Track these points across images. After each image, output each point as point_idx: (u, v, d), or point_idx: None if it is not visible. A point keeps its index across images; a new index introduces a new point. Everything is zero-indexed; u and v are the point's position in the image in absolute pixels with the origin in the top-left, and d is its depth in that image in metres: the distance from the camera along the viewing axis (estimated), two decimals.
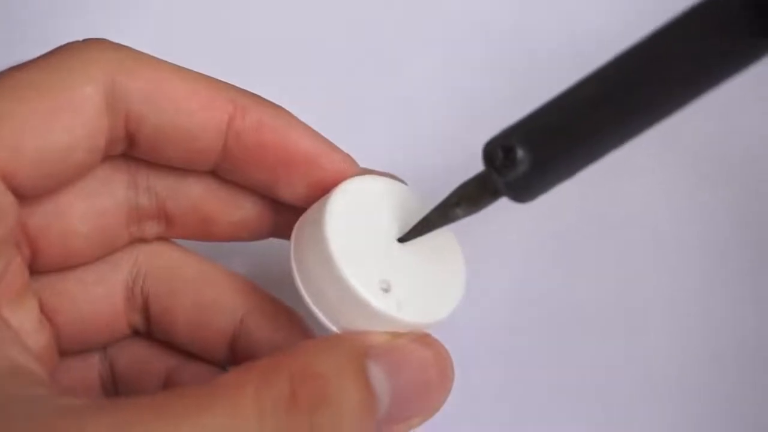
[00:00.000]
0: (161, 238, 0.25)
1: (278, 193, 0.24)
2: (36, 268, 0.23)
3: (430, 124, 0.34)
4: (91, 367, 0.26)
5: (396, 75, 0.34)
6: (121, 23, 0.34)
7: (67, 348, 0.24)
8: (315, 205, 0.23)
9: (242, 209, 0.25)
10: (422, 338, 0.21)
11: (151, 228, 0.25)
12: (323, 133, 0.24)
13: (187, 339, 0.25)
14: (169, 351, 0.26)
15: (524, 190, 0.20)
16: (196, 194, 0.24)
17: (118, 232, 0.24)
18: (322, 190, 0.23)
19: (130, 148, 0.23)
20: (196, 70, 0.23)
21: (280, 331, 0.25)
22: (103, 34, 0.22)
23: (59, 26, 0.33)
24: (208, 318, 0.25)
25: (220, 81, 0.23)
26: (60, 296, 0.24)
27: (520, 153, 0.19)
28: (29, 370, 0.19)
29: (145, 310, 0.25)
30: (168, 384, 0.26)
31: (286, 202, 0.24)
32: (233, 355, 0.25)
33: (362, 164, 0.24)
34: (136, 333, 0.26)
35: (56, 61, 0.21)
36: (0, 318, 0.20)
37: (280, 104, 0.24)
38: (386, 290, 0.21)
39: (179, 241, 0.26)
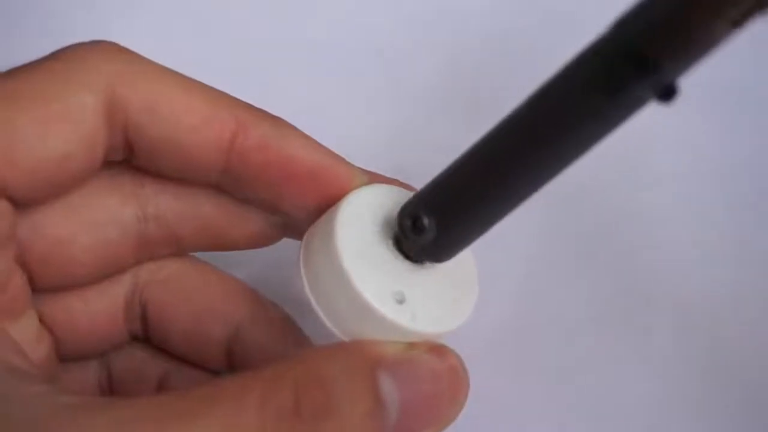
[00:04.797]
0: None
1: (285, 208, 0.23)
2: (35, 288, 0.22)
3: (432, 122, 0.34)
4: (89, 371, 0.25)
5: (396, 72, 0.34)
6: (128, 18, 0.34)
7: (66, 356, 0.24)
8: (323, 218, 0.23)
9: (254, 222, 0.24)
10: (437, 349, 0.21)
11: (160, 252, 0.24)
12: (325, 131, 0.24)
13: (184, 346, 0.25)
14: (165, 355, 0.26)
15: (436, 253, 0.21)
16: (206, 215, 0.24)
17: (124, 260, 0.24)
18: (330, 204, 0.23)
19: (130, 157, 0.22)
20: (196, 63, 0.23)
21: (276, 339, 0.24)
22: (109, 28, 0.22)
23: (65, 20, 0.33)
24: (203, 326, 0.24)
25: (224, 94, 0.22)
26: (60, 310, 0.23)
27: (426, 221, 0.20)
28: (26, 370, 0.18)
29: (144, 318, 0.25)
30: (162, 387, 0.26)
31: (294, 217, 0.24)
32: (229, 363, 0.25)
33: (364, 164, 0.24)
34: (134, 338, 0.25)
35: (57, 66, 0.21)
36: None
37: (279, 100, 0.23)
38: (400, 302, 0.21)
39: None
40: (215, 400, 0.17)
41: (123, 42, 0.22)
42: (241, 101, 0.23)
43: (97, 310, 0.24)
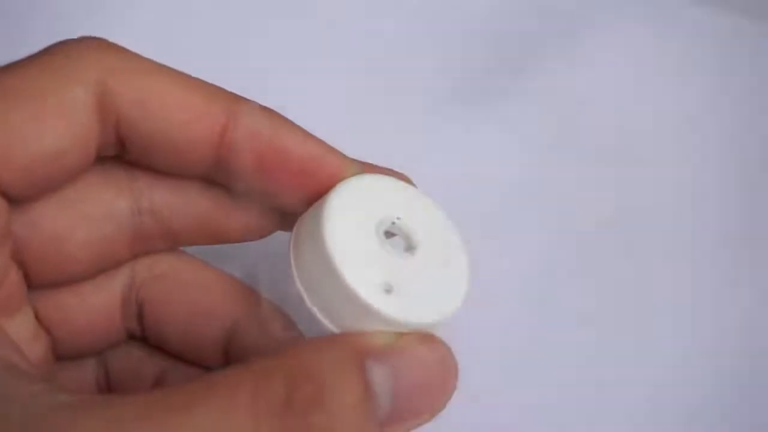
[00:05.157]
0: None
1: (278, 199, 0.23)
2: (31, 285, 0.22)
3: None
4: (86, 370, 0.25)
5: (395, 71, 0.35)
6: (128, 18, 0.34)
7: (63, 355, 0.24)
8: (312, 207, 0.22)
9: (248, 214, 0.24)
10: (425, 338, 0.20)
11: (156, 246, 0.24)
12: (324, 130, 0.23)
13: (180, 345, 0.25)
14: (162, 353, 0.26)
15: None
16: (200, 208, 0.24)
17: (120, 255, 0.24)
18: (322, 194, 0.23)
19: (122, 152, 0.22)
20: (196, 63, 0.23)
21: (272, 337, 0.24)
22: (110, 27, 0.22)
23: (64, 20, 0.34)
24: (200, 325, 0.24)
25: (214, 86, 0.22)
26: (56, 307, 0.23)
27: None
28: (23, 368, 0.18)
29: (140, 316, 0.25)
30: (158, 386, 0.25)
31: (286, 207, 0.24)
32: (226, 361, 0.25)
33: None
34: (131, 337, 0.25)
35: (47, 61, 0.21)
36: None
37: (277, 99, 0.23)
38: (388, 291, 0.21)
39: None
40: (207, 394, 0.17)
41: (123, 42, 0.22)
42: (233, 93, 0.23)
43: (94, 307, 0.24)
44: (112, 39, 0.22)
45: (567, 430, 0.30)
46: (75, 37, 0.21)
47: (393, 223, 0.22)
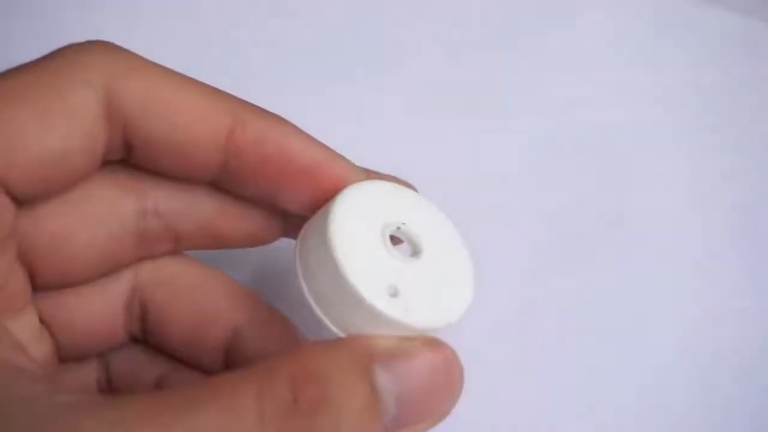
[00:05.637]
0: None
1: (282, 204, 0.24)
2: (35, 286, 0.22)
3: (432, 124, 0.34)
4: (88, 371, 0.25)
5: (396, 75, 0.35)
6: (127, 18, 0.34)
7: (66, 356, 0.24)
8: (318, 213, 0.23)
9: (252, 220, 0.24)
10: (430, 342, 0.21)
11: (160, 249, 0.24)
12: (327, 133, 0.24)
13: (183, 348, 0.25)
14: (164, 357, 0.26)
15: None
16: (205, 213, 0.24)
17: (124, 257, 0.24)
18: (327, 200, 0.23)
19: (128, 156, 0.22)
20: (196, 62, 0.23)
21: (274, 341, 0.24)
22: (111, 27, 0.22)
23: (64, 23, 0.34)
24: (203, 328, 0.24)
25: (219, 91, 0.23)
26: (59, 309, 0.23)
27: None
28: (25, 368, 0.18)
29: (143, 319, 0.25)
30: (159, 389, 0.25)
31: (291, 212, 0.24)
32: (227, 365, 0.25)
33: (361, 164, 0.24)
34: (133, 339, 0.25)
35: (54, 64, 0.21)
36: None
37: (279, 103, 0.23)
38: (394, 295, 0.21)
39: None
40: (212, 395, 0.17)
41: (122, 42, 0.22)
42: (238, 98, 0.23)
43: (97, 309, 0.24)
44: (106, 38, 0.22)
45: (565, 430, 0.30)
46: (81, 41, 0.21)
47: (398, 228, 0.23)
